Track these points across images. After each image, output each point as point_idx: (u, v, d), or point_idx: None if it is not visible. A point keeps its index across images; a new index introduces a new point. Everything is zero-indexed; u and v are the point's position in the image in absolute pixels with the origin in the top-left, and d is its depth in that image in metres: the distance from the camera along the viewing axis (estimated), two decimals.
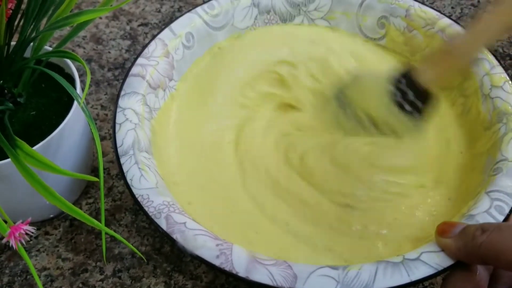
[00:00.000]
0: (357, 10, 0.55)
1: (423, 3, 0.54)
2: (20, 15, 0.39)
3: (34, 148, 0.37)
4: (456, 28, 0.51)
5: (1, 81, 0.40)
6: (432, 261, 0.36)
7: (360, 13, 0.55)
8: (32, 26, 0.40)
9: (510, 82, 0.47)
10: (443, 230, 0.37)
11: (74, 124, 0.42)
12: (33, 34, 0.40)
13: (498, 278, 0.38)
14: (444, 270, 0.36)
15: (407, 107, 0.46)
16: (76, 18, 0.36)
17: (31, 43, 0.42)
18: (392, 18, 0.54)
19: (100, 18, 0.68)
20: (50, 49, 0.44)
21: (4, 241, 0.31)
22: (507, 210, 0.39)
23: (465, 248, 0.35)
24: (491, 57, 0.48)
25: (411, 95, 0.46)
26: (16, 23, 0.39)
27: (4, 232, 0.31)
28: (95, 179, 0.34)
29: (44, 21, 0.41)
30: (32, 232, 0.31)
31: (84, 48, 0.64)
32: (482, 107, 0.47)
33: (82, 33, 0.65)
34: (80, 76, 0.44)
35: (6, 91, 0.41)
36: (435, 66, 0.46)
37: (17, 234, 0.31)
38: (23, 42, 0.40)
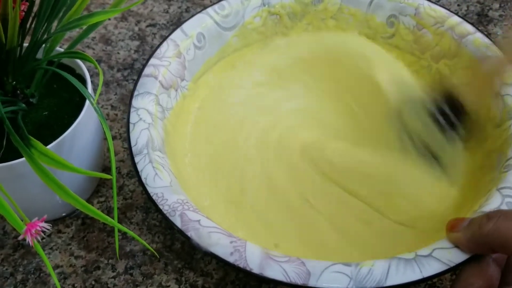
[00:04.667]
0: (367, 9, 0.55)
1: (431, 1, 0.54)
2: (32, 17, 0.40)
3: (49, 147, 0.38)
4: (466, 26, 0.51)
5: (14, 82, 0.41)
6: (444, 257, 0.37)
7: (370, 12, 0.55)
8: (44, 28, 0.40)
9: None
10: (452, 225, 0.38)
11: (86, 123, 0.43)
12: (45, 36, 0.41)
13: (510, 272, 0.38)
14: (456, 266, 0.36)
15: (449, 129, 0.47)
16: (88, 19, 0.37)
17: (43, 45, 0.42)
18: (402, 16, 0.54)
19: (109, 19, 0.68)
20: (62, 50, 0.45)
21: (20, 238, 0.32)
22: None
23: (473, 238, 0.36)
24: (501, 55, 0.49)
25: (453, 117, 0.47)
26: (28, 25, 0.40)
27: (20, 230, 0.32)
28: (108, 176, 0.35)
29: (55, 22, 0.42)
30: (47, 229, 0.32)
31: (93, 49, 0.65)
32: (492, 105, 0.47)
33: (91, 35, 0.65)
34: (90, 76, 0.45)
35: (18, 91, 0.42)
36: (476, 87, 0.47)
37: (33, 231, 0.31)
38: (35, 44, 0.40)
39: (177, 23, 0.68)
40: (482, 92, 0.47)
